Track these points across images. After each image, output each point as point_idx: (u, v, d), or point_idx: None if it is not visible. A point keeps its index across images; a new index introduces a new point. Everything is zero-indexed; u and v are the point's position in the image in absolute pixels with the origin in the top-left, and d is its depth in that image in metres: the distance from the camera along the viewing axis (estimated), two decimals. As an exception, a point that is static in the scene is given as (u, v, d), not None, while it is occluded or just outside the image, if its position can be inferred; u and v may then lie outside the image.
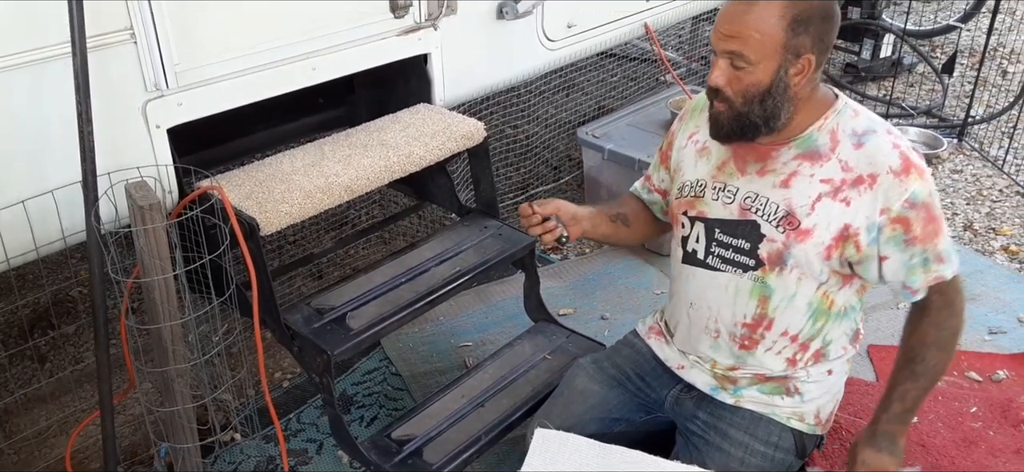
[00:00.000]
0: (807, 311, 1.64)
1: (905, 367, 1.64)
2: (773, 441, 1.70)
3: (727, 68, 1.54)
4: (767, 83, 1.51)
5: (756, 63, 1.50)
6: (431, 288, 2.16)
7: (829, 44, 1.54)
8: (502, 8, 2.57)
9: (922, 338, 1.62)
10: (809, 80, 1.54)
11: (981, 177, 3.69)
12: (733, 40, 1.51)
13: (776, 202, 1.59)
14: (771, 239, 1.60)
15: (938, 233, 1.55)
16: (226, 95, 2.01)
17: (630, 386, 1.86)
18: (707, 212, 1.68)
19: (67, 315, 2.83)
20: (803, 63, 1.51)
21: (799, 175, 1.58)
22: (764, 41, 1.48)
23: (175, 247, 1.80)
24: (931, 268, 1.56)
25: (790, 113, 1.57)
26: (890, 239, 1.54)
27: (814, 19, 1.49)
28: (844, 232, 1.55)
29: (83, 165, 1.69)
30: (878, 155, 1.53)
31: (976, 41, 5.02)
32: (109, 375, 1.87)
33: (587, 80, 3.69)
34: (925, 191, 1.52)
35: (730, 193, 1.65)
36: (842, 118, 1.59)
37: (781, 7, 1.48)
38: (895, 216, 1.52)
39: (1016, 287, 2.88)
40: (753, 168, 1.63)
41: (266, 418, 2.05)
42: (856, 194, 1.53)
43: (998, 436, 2.22)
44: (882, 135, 1.56)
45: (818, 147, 1.58)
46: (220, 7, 1.94)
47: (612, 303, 2.84)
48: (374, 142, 2.23)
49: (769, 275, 1.62)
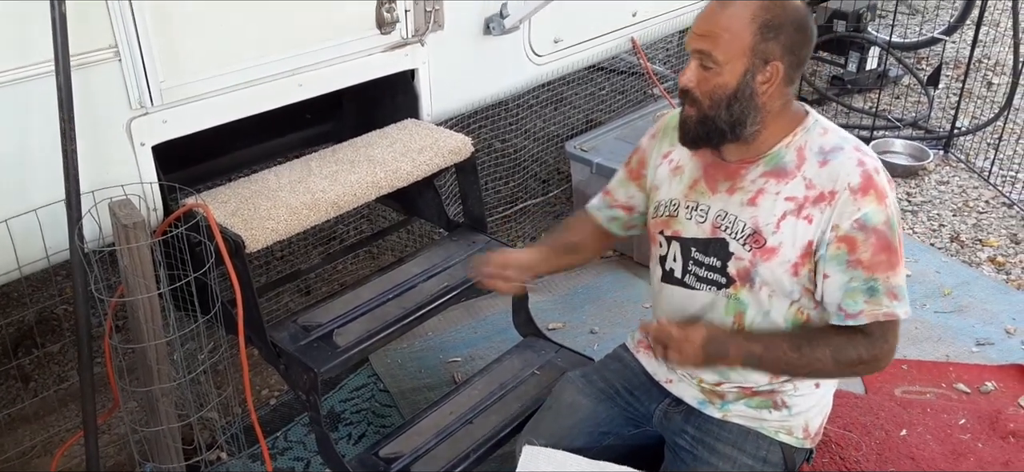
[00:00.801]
0: (784, 325, 1.63)
1: (796, 338, 1.60)
2: (761, 455, 1.69)
3: (697, 68, 1.55)
4: (734, 86, 1.51)
5: (724, 64, 1.51)
6: (419, 303, 2.15)
7: (801, 57, 1.54)
8: (489, 23, 2.58)
9: (829, 335, 1.58)
10: (778, 91, 1.54)
11: (967, 188, 3.71)
12: (704, 39, 1.52)
13: (743, 220, 1.59)
14: (739, 257, 1.59)
15: (892, 267, 1.51)
16: (211, 112, 2.00)
17: (619, 400, 1.85)
18: (682, 231, 1.68)
19: (51, 334, 2.81)
20: (771, 70, 1.51)
21: (765, 193, 1.58)
22: (732, 42, 1.49)
23: (160, 265, 1.78)
24: (881, 301, 1.51)
25: (757, 124, 1.56)
26: (833, 257, 1.51)
27: (785, 27, 1.50)
28: (808, 249, 1.54)
29: (67, 183, 1.68)
30: (840, 171, 1.52)
31: (961, 53, 5.06)
32: (93, 394, 1.85)
33: (575, 94, 3.70)
34: (881, 217, 1.49)
35: (702, 212, 1.65)
36: (810, 135, 1.58)
37: (753, 10, 1.49)
38: (842, 234, 1.50)
39: (1003, 298, 2.89)
40: (723, 186, 1.63)
41: (252, 437, 2.03)
42: (817, 211, 1.52)
43: (987, 448, 2.22)
44: (849, 152, 1.55)
45: (785, 164, 1.58)
46: (205, 24, 1.93)
47: (601, 317, 2.84)
48: (361, 158, 2.22)
49: (741, 290, 1.61)
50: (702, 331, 1.61)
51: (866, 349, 1.56)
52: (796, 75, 1.56)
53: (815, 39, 1.58)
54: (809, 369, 1.62)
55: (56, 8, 1.59)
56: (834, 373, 1.62)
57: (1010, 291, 2.94)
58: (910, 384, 2.48)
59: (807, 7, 1.57)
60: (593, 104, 3.83)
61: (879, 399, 2.41)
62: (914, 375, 2.52)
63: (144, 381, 1.78)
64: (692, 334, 1.60)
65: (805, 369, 1.62)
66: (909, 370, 2.54)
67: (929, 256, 3.17)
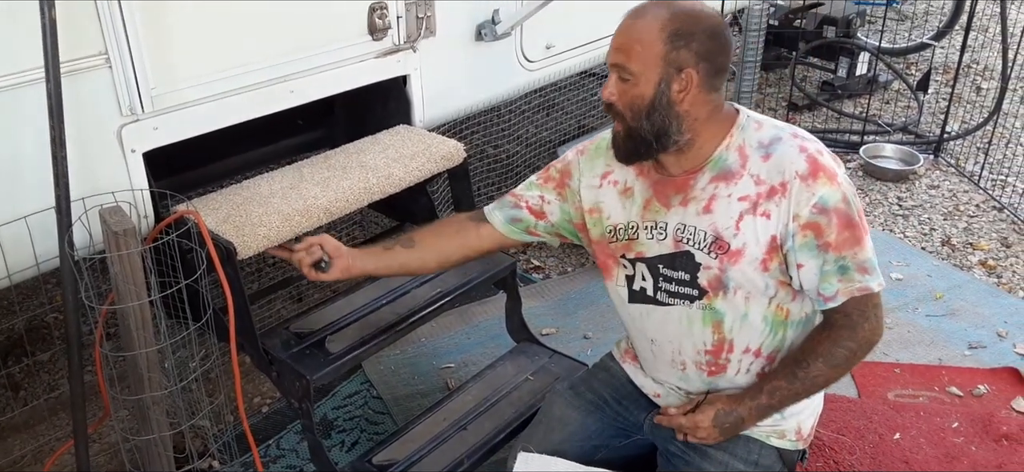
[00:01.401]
0: (763, 325, 1.63)
1: (789, 367, 1.63)
2: (753, 459, 1.69)
3: (616, 82, 1.57)
4: (650, 96, 1.53)
5: (639, 75, 1.52)
6: (412, 309, 2.14)
7: (718, 64, 1.54)
8: (481, 30, 2.58)
9: (814, 347, 1.60)
10: (698, 98, 1.54)
11: (957, 192, 3.73)
12: (619, 53, 1.55)
13: (703, 229, 1.59)
14: (706, 266, 1.59)
15: (858, 242, 1.53)
16: (203, 118, 2.00)
17: (608, 411, 1.85)
18: (645, 252, 1.68)
19: (41, 342, 2.79)
20: (685, 78, 1.52)
21: (718, 198, 1.58)
22: (644, 53, 1.51)
23: (151, 272, 1.77)
24: (853, 277, 1.53)
25: (685, 132, 1.56)
26: (803, 245, 1.52)
27: (697, 35, 1.51)
28: (773, 243, 1.54)
29: (57, 190, 1.67)
30: (785, 162, 1.53)
31: (950, 58, 5.09)
32: (83, 403, 1.84)
33: (567, 100, 3.70)
34: (836, 197, 1.50)
35: (661, 229, 1.64)
36: (746, 133, 1.59)
37: (662, 21, 1.51)
38: (805, 222, 1.51)
39: (994, 301, 2.90)
40: (676, 200, 1.63)
41: (244, 445, 2.02)
42: (773, 205, 1.53)
43: (980, 451, 2.23)
44: (788, 141, 1.56)
45: (729, 167, 1.58)
46: (196, 30, 1.93)
47: (594, 322, 2.84)
48: (353, 164, 2.22)
49: (715, 300, 1.61)
50: (708, 412, 1.66)
51: (852, 340, 1.57)
52: (718, 81, 1.56)
53: (732, 47, 1.59)
54: (812, 388, 1.63)
55: (46, 14, 1.58)
56: (836, 377, 1.63)
57: (1001, 294, 2.95)
58: (903, 388, 2.49)
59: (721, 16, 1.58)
60: (585, 110, 3.83)
61: (872, 403, 2.41)
62: (907, 379, 2.52)
63: (135, 389, 1.76)
64: (700, 419, 1.67)
65: (809, 390, 1.64)
66: (902, 374, 2.54)
67: (921, 260, 3.18)
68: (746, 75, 4.06)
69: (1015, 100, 4.58)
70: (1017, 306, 2.88)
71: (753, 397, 1.65)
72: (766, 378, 1.66)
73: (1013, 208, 3.54)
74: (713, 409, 1.66)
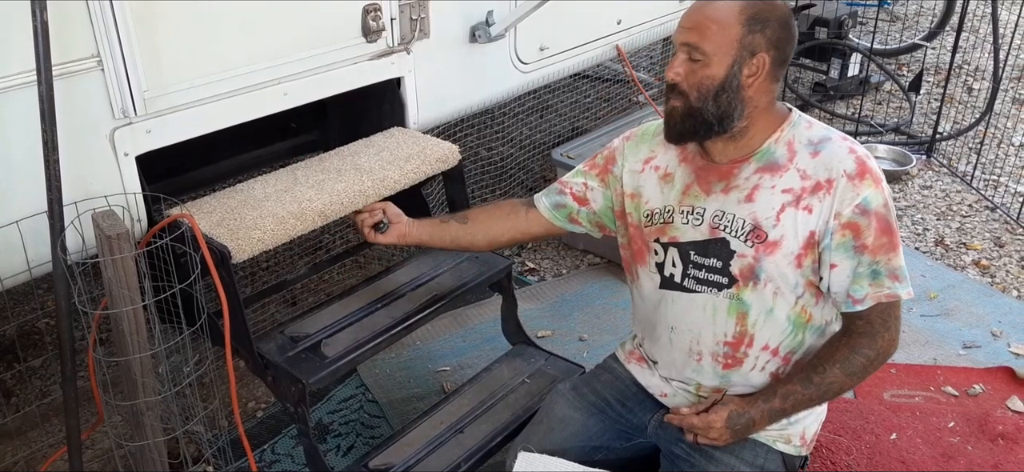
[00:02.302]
0: (787, 323, 1.63)
1: (804, 371, 1.63)
2: (759, 463, 1.69)
3: (685, 61, 1.56)
4: (721, 77, 1.53)
5: (712, 56, 1.53)
6: (408, 313, 2.13)
7: (785, 54, 1.56)
8: (475, 31, 2.57)
9: (833, 353, 1.61)
10: (764, 85, 1.56)
11: (950, 193, 3.74)
12: (691, 32, 1.55)
13: (742, 217, 1.60)
14: (741, 254, 1.60)
15: (893, 248, 1.54)
16: (196, 121, 1.98)
17: (611, 413, 1.84)
18: (679, 236, 1.68)
19: (33, 348, 2.77)
20: (757, 63, 1.53)
21: (761, 188, 1.59)
22: (720, 34, 1.52)
23: (144, 277, 1.76)
24: (883, 283, 1.54)
25: (744, 118, 1.57)
26: (840, 245, 1.53)
27: (771, 22, 1.53)
28: (810, 239, 1.55)
29: (49, 194, 1.65)
30: (833, 160, 1.55)
31: (941, 59, 5.11)
32: (77, 409, 1.82)
33: (561, 102, 3.70)
34: (879, 200, 1.52)
35: (698, 214, 1.65)
36: (797, 130, 1.61)
37: (740, 4, 1.52)
38: (846, 221, 1.52)
39: (988, 301, 2.91)
40: (717, 187, 1.64)
41: (239, 450, 2.00)
42: (816, 200, 1.54)
43: (976, 451, 2.23)
44: (837, 141, 1.58)
45: (776, 159, 1.59)
46: (189, 33, 1.91)
47: (590, 324, 2.83)
48: (348, 167, 2.21)
49: (744, 290, 1.61)
50: (722, 412, 1.66)
51: (871, 348, 1.58)
52: (780, 72, 1.58)
53: (797, 38, 1.61)
54: (826, 394, 1.64)
55: (38, 17, 1.57)
56: (850, 385, 1.63)
57: (995, 294, 2.96)
58: (899, 388, 2.49)
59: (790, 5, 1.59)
60: (578, 111, 3.83)
61: (868, 403, 2.41)
62: (903, 379, 2.53)
63: (129, 395, 1.75)
64: (713, 419, 1.66)
65: (823, 397, 1.64)
66: (897, 374, 2.55)
67: (915, 260, 3.19)
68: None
69: (1006, 100, 4.60)
70: (1011, 305, 2.89)
71: (767, 400, 1.65)
72: (780, 382, 1.66)
73: (1006, 208, 3.55)
74: (726, 410, 1.66)
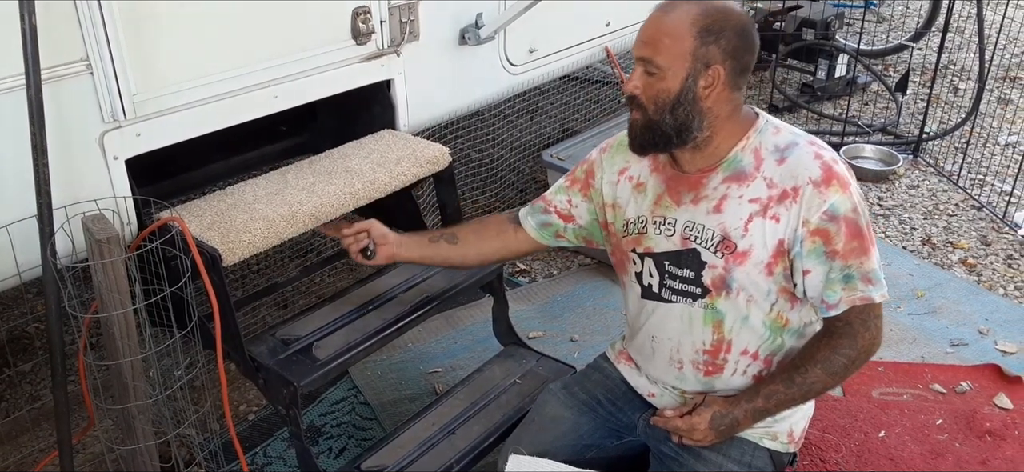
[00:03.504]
0: (763, 329, 1.64)
1: (786, 371, 1.64)
2: (746, 461, 1.70)
3: (642, 75, 1.57)
4: (676, 90, 1.53)
5: (666, 69, 1.53)
6: (399, 315, 2.14)
7: (744, 63, 1.56)
8: (464, 34, 2.58)
9: (813, 353, 1.62)
10: (722, 96, 1.55)
11: (937, 192, 3.77)
12: (646, 46, 1.55)
13: (712, 228, 1.60)
14: (712, 265, 1.60)
15: (865, 252, 1.54)
16: (186, 124, 1.98)
17: (601, 411, 1.85)
18: (653, 247, 1.69)
19: (23, 352, 2.75)
20: (713, 74, 1.53)
21: (729, 198, 1.59)
22: (673, 47, 1.52)
23: (135, 280, 1.76)
24: (856, 286, 1.54)
25: (705, 129, 1.57)
26: (811, 252, 1.53)
27: (726, 32, 1.52)
28: (780, 248, 1.55)
29: (38, 199, 1.65)
30: (799, 167, 1.54)
31: (927, 59, 5.14)
32: (68, 413, 1.81)
33: (551, 103, 3.71)
34: (847, 205, 1.52)
35: (670, 225, 1.65)
36: (764, 136, 1.60)
37: (693, 16, 1.52)
38: (814, 228, 1.52)
39: (975, 299, 2.94)
40: (687, 197, 1.64)
41: (231, 453, 2.00)
42: (783, 209, 1.54)
43: (964, 448, 2.25)
44: (804, 147, 1.57)
45: (743, 168, 1.59)
46: (179, 36, 1.91)
47: (581, 325, 2.84)
48: (338, 169, 2.21)
49: (717, 300, 1.62)
50: (705, 413, 1.67)
51: (851, 348, 1.58)
52: (741, 81, 1.58)
53: (758, 47, 1.60)
54: (809, 393, 1.65)
55: (26, 21, 1.56)
56: (832, 385, 1.64)
57: (982, 292, 2.99)
58: (887, 386, 2.51)
59: (750, 15, 1.60)
60: (568, 113, 3.84)
61: (857, 401, 2.43)
62: (891, 377, 2.55)
63: (120, 398, 1.75)
64: (696, 421, 1.67)
65: (805, 396, 1.65)
66: (885, 372, 2.56)
67: (902, 259, 3.21)
68: (727, 77, 4.08)
69: (992, 100, 4.63)
70: (997, 303, 2.91)
71: (749, 399, 1.66)
72: (763, 382, 1.67)
73: (992, 207, 3.58)
74: (709, 411, 1.67)
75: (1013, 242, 3.33)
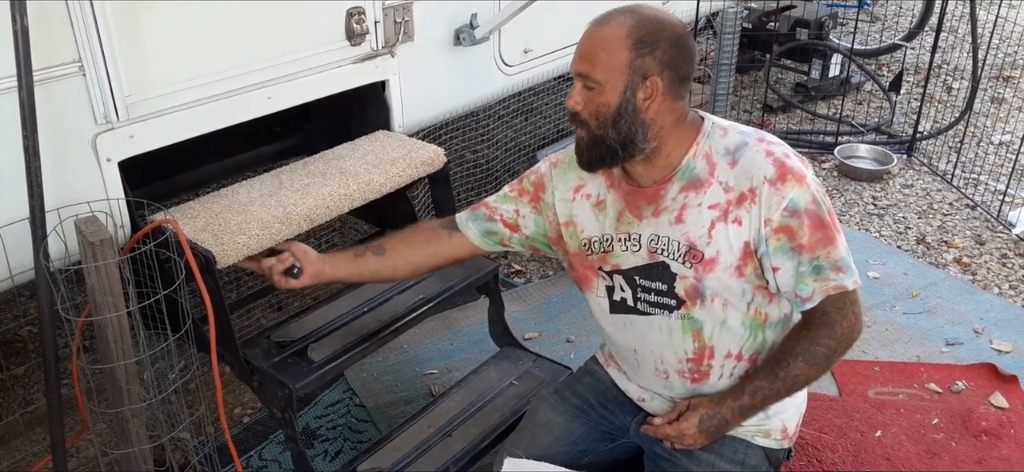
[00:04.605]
0: (743, 329, 1.64)
1: (769, 367, 1.64)
2: (739, 459, 1.70)
3: (581, 90, 1.56)
4: (615, 104, 1.53)
5: (604, 83, 1.52)
6: (395, 316, 2.13)
7: (683, 72, 1.55)
8: (459, 34, 2.57)
9: (793, 346, 1.62)
10: (663, 106, 1.54)
11: (931, 191, 3.78)
12: (583, 62, 1.55)
13: (676, 239, 1.59)
14: (682, 276, 1.60)
15: (831, 241, 1.53)
16: (179, 126, 1.97)
17: (593, 415, 1.84)
18: (621, 263, 1.68)
19: (16, 356, 2.74)
20: (651, 86, 1.52)
21: (689, 207, 1.58)
22: (609, 61, 1.51)
23: (128, 283, 1.74)
24: (827, 277, 1.54)
25: (650, 140, 1.56)
26: (777, 249, 1.53)
27: (661, 43, 1.51)
28: (746, 250, 1.55)
29: (31, 201, 1.64)
30: (752, 168, 1.54)
31: (921, 59, 5.16)
32: (61, 417, 1.80)
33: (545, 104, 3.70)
34: (806, 198, 1.51)
35: (635, 240, 1.65)
36: (712, 140, 1.60)
37: (627, 28, 1.51)
38: (777, 226, 1.52)
39: (970, 298, 2.94)
40: (648, 211, 1.63)
41: (226, 456, 1.99)
42: (743, 211, 1.54)
43: (960, 447, 2.25)
44: (753, 146, 1.56)
45: (698, 175, 1.58)
46: (172, 37, 1.90)
47: (577, 326, 2.84)
48: (333, 170, 2.20)
49: (693, 309, 1.62)
50: (692, 418, 1.67)
51: (830, 337, 1.58)
52: (682, 90, 1.57)
53: (696, 56, 1.59)
54: (794, 386, 1.64)
55: (18, 22, 1.55)
56: (816, 375, 1.64)
57: (977, 291, 2.99)
58: (883, 385, 2.51)
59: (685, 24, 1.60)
60: (562, 114, 3.83)
61: (853, 401, 2.43)
62: (886, 376, 2.55)
63: (114, 402, 1.73)
64: (685, 426, 1.67)
65: (791, 389, 1.65)
66: (881, 372, 2.57)
67: (896, 258, 3.22)
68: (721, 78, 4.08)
69: (985, 100, 4.65)
70: (992, 303, 2.92)
71: (735, 398, 1.65)
72: (748, 379, 1.67)
73: (986, 206, 3.59)
74: (697, 415, 1.67)
75: (1007, 241, 3.34)
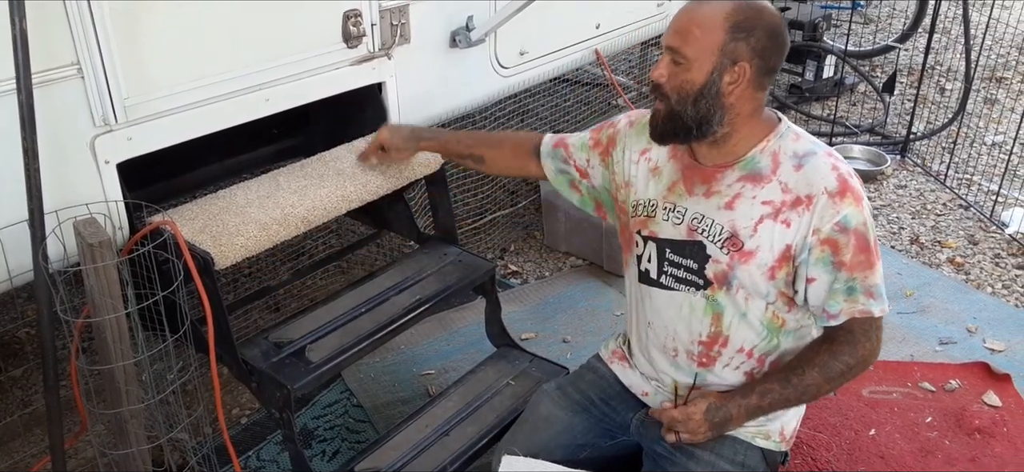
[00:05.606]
0: (760, 327, 1.66)
1: (783, 372, 1.66)
2: (739, 460, 1.71)
3: (668, 64, 1.58)
4: (701, 83, 1.54)
5: (693, 60, 1.54)
6: (392, 317, 2.14)
7: (771, 63, 1.57)
8: (455, 36, 2.58)
9: (812, 357, 1.64)
10: (746, 94, 1.56)
11: (925, 191, 3.80)
12: (676, 36, 1.57)
13: (721, 223, 1.61)
14: (716, 260, 1.62)
15: (870, 266, 1.56)
16: (177, 128, 1.97)
17: (594, 411, 1.86)
18: (658, 232, 1.70)
19: (14, 357, 2.74)
20: (738, 71, 1.54)
21: (742, 197, 1.60)
22: (702, 39, 1.53)
23: (127, 284, 1.75)
24: (858, 299, 1.56)
25: (725, 125, 1.58)
26: (818, 260, 1.55)
27: (756, 31, 1.53)
28: (786, 253, 1.57)
29: (30, 203, 1.64)
30: (816, 176, 1.56)
31: (914, 60, 5.18)
32: (60, 418, 1.81)
33: (541, 105, 3.71)
34: (859, 219, 1.53)
35: (679, 213, 1.67)
36: (784, 141, 1.62)
37: (726, 11, 1.53)
38: (825, 237, 1.53)
39: (963, 298, 2.96)
40: (700, 190, 1.65)
41: (225, 457, 2.00)
42: (795, 215, 1.55)
43: (954, 445, 2.27)
44: (822, 157, 1.58)
45: (760, 169, 1.61)
46: (170, 40, 1.91)
47: (573, 326, 2.85)
48: (330, 172, 2.21)
49: (718, 293, 1.64)
50: (700, 404, 1.68)
51: (850, 355, 1.60)
52: (766, 81, 1.59)
53: (787, 49, 1.62)
54: (803, 396, 1.66)
55: (16, 25, 1.56)
56: (828, 389, 1.66)
57: (970, 291, 3.01)
58: (877, 384, 2.53)
59: (782, 16, 1.61)
60: (558, 115, 3.84)
61: (847, 400, 2.45)
62: (880, 375, 2.56)
63: (112, 403, 1.74)
64: (692, 410, 1.68)
65: (800, 398, 1.67)
66: (875, 370, 2.58)
67: (890, 258, 3.23)
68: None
69: (978, 101, 4.67)
70: (985, 302, 2.94)
71: (744, 395, 1.67)
72: (759, 380, 1.68)
73: (979, 206, 3.61)
74: (705, 402, 1.68)
75: (1000, 241, 3.36)
